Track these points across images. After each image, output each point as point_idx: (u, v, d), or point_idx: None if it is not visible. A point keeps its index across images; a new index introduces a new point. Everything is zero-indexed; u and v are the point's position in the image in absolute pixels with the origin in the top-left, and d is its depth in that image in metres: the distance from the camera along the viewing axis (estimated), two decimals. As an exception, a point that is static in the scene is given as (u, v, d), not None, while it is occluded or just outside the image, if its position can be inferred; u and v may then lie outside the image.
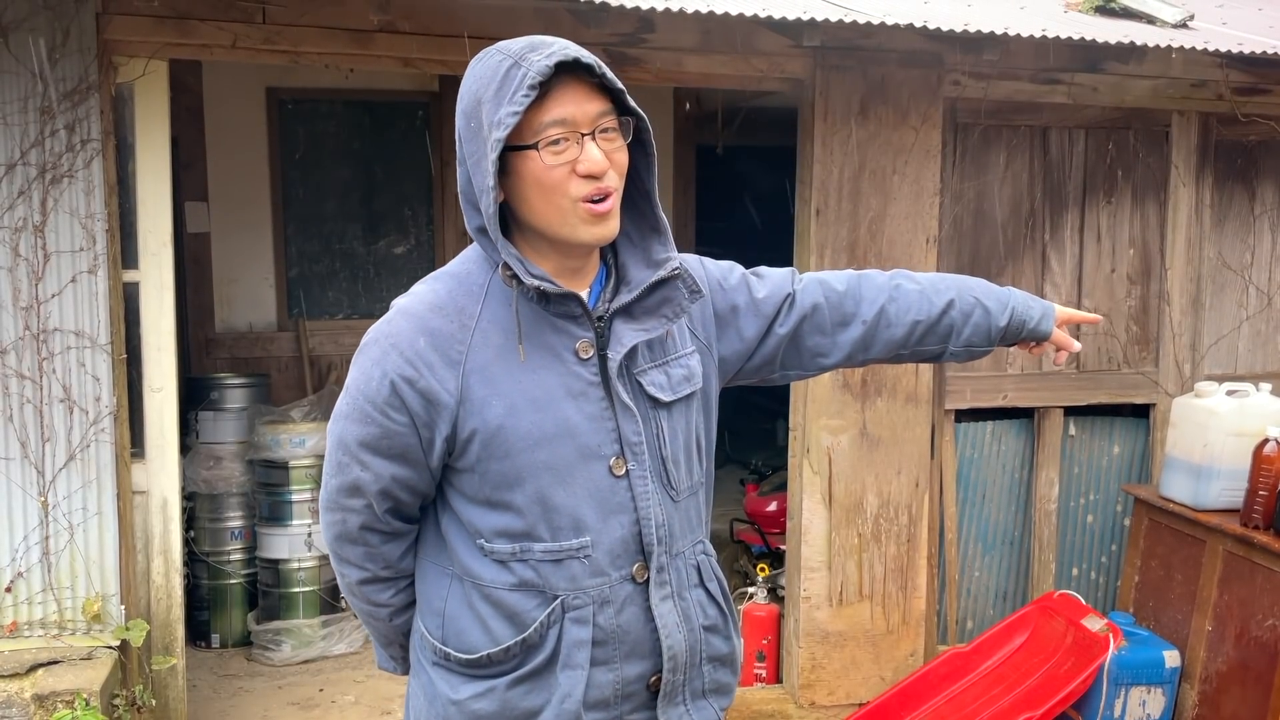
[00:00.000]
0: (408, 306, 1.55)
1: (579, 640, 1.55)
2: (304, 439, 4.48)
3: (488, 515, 1.55)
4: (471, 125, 1.47)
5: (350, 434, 1.54)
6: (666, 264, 1.55)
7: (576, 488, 1.53)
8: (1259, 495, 3.49)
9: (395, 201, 5.58)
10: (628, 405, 1.55)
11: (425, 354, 1.49)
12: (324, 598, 4.57)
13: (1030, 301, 1.89)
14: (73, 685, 3.16)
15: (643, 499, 1.57)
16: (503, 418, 1.49)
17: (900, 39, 3.69)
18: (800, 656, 3.98)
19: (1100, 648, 3.59)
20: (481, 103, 1.44)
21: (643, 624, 1.58)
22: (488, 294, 1.53)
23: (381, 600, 1.68)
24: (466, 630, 1.57)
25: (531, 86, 1.40)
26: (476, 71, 1.48)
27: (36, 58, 3.24)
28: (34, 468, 3.35)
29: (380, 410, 1.51)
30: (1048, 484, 4.20)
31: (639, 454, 1.57)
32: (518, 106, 1.40)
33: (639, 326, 1.56)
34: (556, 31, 3.54)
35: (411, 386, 1.49)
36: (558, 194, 1.45)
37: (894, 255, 3.88)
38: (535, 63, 1.41)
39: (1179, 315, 4.23)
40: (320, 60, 3.51)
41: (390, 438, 1.52)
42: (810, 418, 3.90)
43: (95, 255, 3.33)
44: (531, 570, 1.54)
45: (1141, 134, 4.16)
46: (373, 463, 1.54)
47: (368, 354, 1.54)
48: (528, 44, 1.46)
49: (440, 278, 1.59)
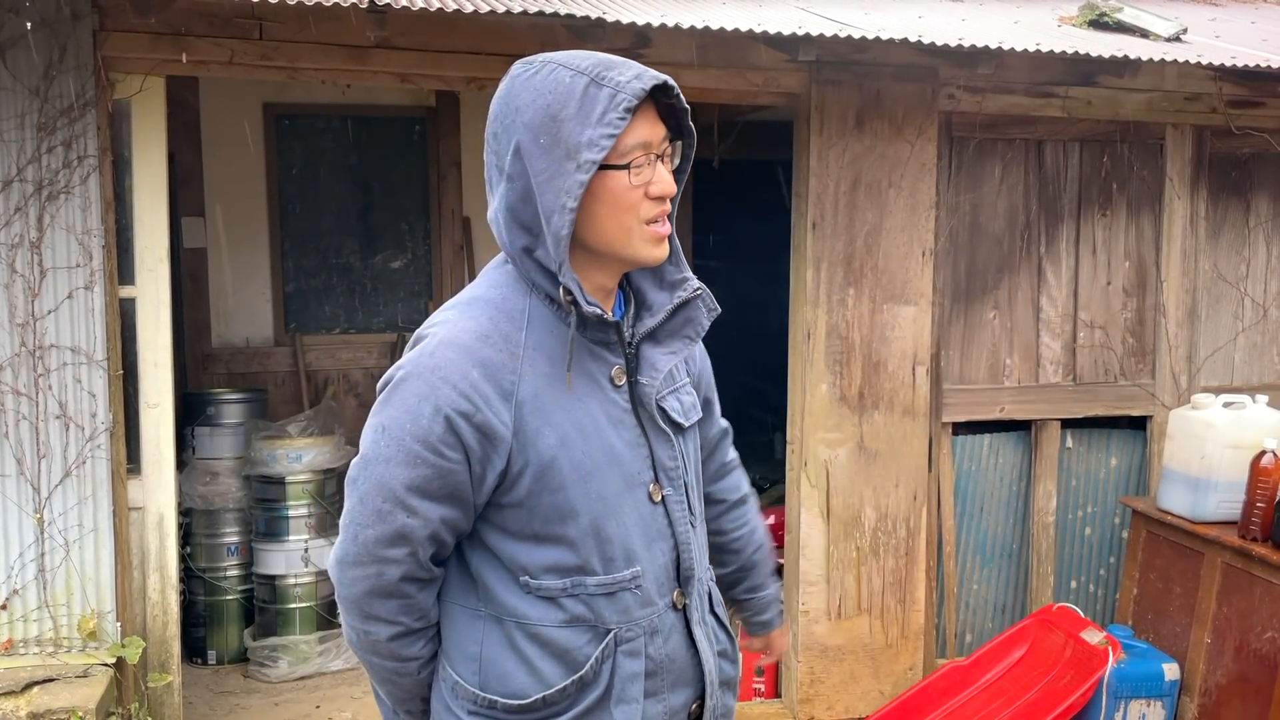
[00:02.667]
0: (452, 337, 1.45)
1: (633, 673, 1.52)
2: (301, 454, 4.47)
3: (535, 551, 1.49)
4: (542, 142, 1.41)
5: (395, 478, 1.43)
6: (686, 284, 1.55)
7: (625, 517, 1.51)
8: (1257, 507, 3.49)
9: (392, 216, 5.59)
10: (664, 430, 1.55)
11: (480, 386, 1.42)
12: (321, 614, 4.55)
13: (780, 601, 1.99)
14: (68, 703, 3.14)
15: (680, 525, 1.57)
16: (555, 449, 1.45)
17: (895, 53, 3.70)
18: (799, 671, 3.97)
19: (1099, 661, 3.59)
20: (559, 120, 1.39)
21: (685, 651, 1.58)
22: (529, 320, 1.48)
23: (411, 654, 1.56)
24: (510, 674, 1.50)
25: (628, 110, 1.38)
26: (540, 86, 1.42)
27: (33, 74, 3.25)
28: (30, 484, 3.34)
29: (433, 449, 1.42)
30: (1045, 496, 4.20)
31: (675, 479, 1.56)
32: (614, 129, 1.38)
33: (667, 350, 1.56)
34: (553, 46, 3.54)
35: (468, 421, 1.41)
36: (630, 214, 1.45)
37: (890, 268, 3.89)
38: (625, 84, 1.39)
39: (1175, 327, 4.24)
40: (317, 76, 3.52)
41: (443, 478, 1.43)
42: (808, 431, 3.90)
43: (92, 271, 3.33)
44: (583, 605, 1.49)
45: (1136, 147, 4.17)
46: (421, 507, 1.44)
47: (410, 390, 1.43)
48: (596, 61, 1.43)
49: (476, 304, 1.50)
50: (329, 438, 4.60)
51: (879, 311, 3.90)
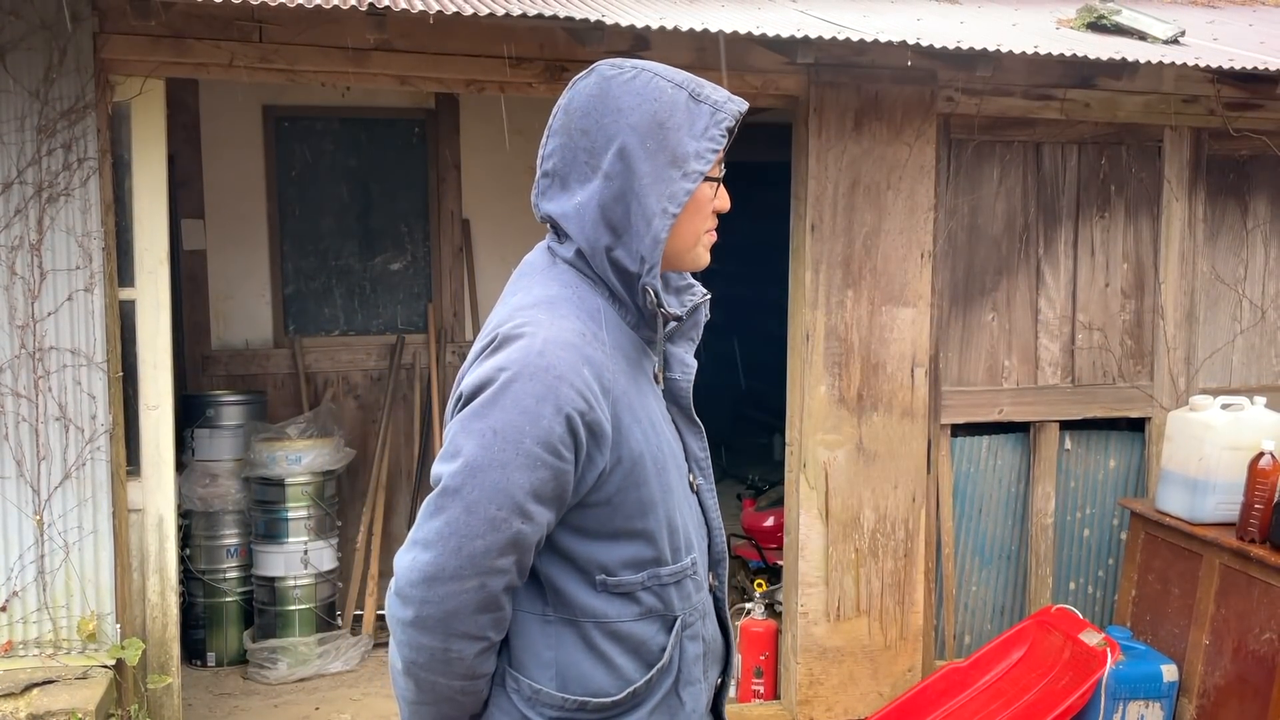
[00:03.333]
0: (559, 337, 1.43)
1: (696, 655, 1.59)
2: (300, 456, 4.47)
3: (614, 548, 1.50)
4: (649, 146, 1.48)
5: (517, 484, 1.38)
6: (693, 289, 1.68)
7: (683, 507, 1.59)
8: (1255, 508, 3.50)
9: (391, 218, 5.59)
10: (695, 423, 1.66)
11: (591, 385, 1.43)
12: (320, 616, 4.55)
13: None
14: (68, 705, 3.14)
15: (711, 511, 1.67)
16: (642, 444, 1.50)
17: (894, 56, 3.71)
18: (798, 672, 3.97)
19: (1098, 662, 3.59)
20: (666, 127, 1.48)
21: (717, 630, 1.66)
22: (605, 318, 1.53)
23: (487, 669, 1.50)
24: (589, 675, 1.50)
25: (729, 129, 1.51)
26: (644, 91, 1.50)
27: (34, 77, 3.25)
28: (29, 486, 3.34)
29: (553, 451, 1.40)
30: (1044, 498, 4.20)
31: (705, 468, 1.67)
32: (716, 145, 1.50)
33: (684, 350, 1.67)
34: (552, 50, 3.58)
35: (584, 420, 1.42)
36: (703, 223, 1.57)
37: (889, 270, 3.90)
38: (722, 104, 1.51)
39: (1173, 329, 4.25)
40: (317, 78, 3.52)
41: (558, 479, 1.42)
42: (807, 432, 3.90)
43: (92, 273, 3.34)
44: (654, 596, 1.54)
45: (1134, 149, 4.18)
46: (537, 512, 1.41)
47: (523, 390, 1.39)
48: (688, 76, 1.53)
49: (561, 303, 1.50)
50: (328, 440, 4.60)
51: (878, 313, 3.91)
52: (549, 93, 3.68)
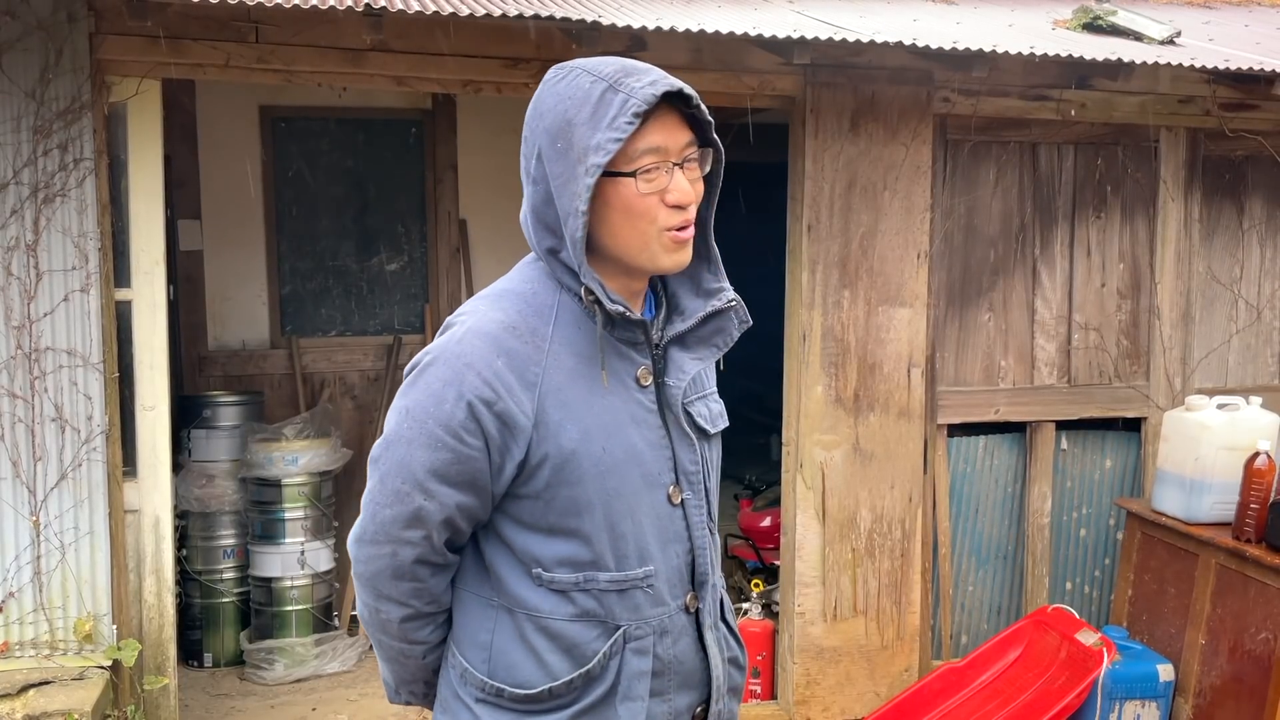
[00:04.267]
0: (480, 327, 1.47)
1: (640, 671, 1.53)
2: (297, 457, 4.47)
3: (549, 544, 1.50)
4: (559, 146, 1.44)
5: (417, 460, 1.45)
6: (721, 294, 1.56)
7: (641, 516, 1.52)
8: (1250, 508, 3.50)
9: (388, 219, 5.59)
10: (687, 433, 1.57)
11: (504, 375, 1.44)
12: (317, 616, 4.55)
13: None
14: (64, 705, 3.14)
15: (696, 528, 1.58)
16: (576, 442, 1.47)
17: (890, 56, 3.71)
18: (795, 672, 3.98)
19: (1094, 662, 3.60)
20: (573, 125, 1.42)
21: (694, 654, 1.60)
22: (557, 315, 1.50)
23: (420, 638, 1.60)
24: (518, 665, 1.53)
25: (636, 114, 1.39)
26: (561, 91, 1.45)
27: (30, 77, 3.25)
28: (25, 487, 3.34)
29: (454, 434, 1.44)
30: (1040, 498, 4.21)
31: (695, 483, 1.58)
32: (620, 133, 1.39)
33: (694, 355, 1.57)
34: (548, 50, 3.58)
35: (489, 409, 1.44)
36: (645, 221, 1.45)
37: (885, 271, 3.90)
38: (637, 90, 1.40)
39: (1169, 329, 4.25)
40: (313, 79, 3.52)
41: (462, 463, 1.45)
42: (804, 433, 3.91)
43: (88, 274, 3.33)
44: (594, 600, 1.51)
45: (1130, 149, 4.19)
46: (439, 491, 1.46)
47: (435, 374, 1.46)
48: (620, 68, 1.44)
49: (506, 296, 1.53)
50: (325, 440, 4.60)
51: (874, 314, 3.91)
52: (546, 93, 3.68)
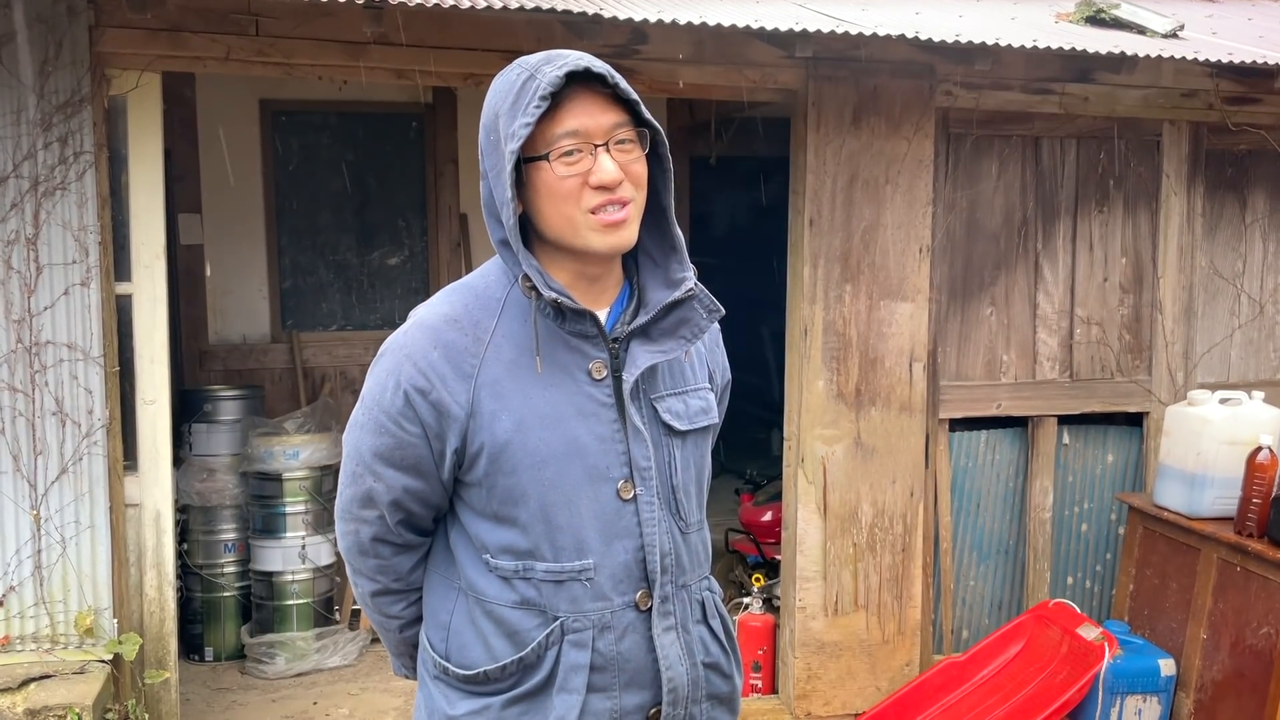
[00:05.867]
0: (424, 318, 1.54)
1: (576, 664, 1.52)
2: (298, 451, 4.47)
3: (494, 530, 1.54)
4: (491, 139, 1.48)
5: (365, 444, 1.55)
6: (682, 284, 1.53)
7: (581, 509, 1.52)
8: (1252, 503, 3.50)
9: (389, 213, 5.58)
10: (639, 429, 1.54)
11: (438, 366, 1.49)
12: (318, 610, 4.55)
13: None
14: (65, 700, 3.14)
15: (649, 525, 1.55)
16: (510, 433, 1.49)
17: (892, 50, 3.70)
18: (796, 667, 3.98)
19: (1095, 656, 3.59)
20: (499, 116, 1.46)
21: (644, 653, 1.56)
22: (504, 308, 1.53)
23: (393, 613, 1.69)
24: (469, 645, 1.57)
25: (543, 98, 1.40)
26: (496, 86, 1.49)
27: (29, 70, 3.24)
28: (26, 481, 3.34)
29: (394, 421, 1.51)
30: (1042, 493, 4.20)
31: (648, 479, 1.55)
32: (529, 118, 1.41)
33: (656, 348, 1.54)
34: (549, 44, 3.57)
35: (424, 398, 1.49)
36: (569, 204, 1.45)
37: (887, 265, 3.89)
38: (547, 74, 1.42)
39: (1171, 324, 4.24)
40: (313, 72, 3.51)
41: (403, 449, 1.52)
42: (805, 427, 3.90)
43: (88, 268, 3.33)
44: (534, 589, 1.53)
45: (1133, 143, 4.18)
46: (385, 474, 1.54)
47: (383, 364, 1.55)
48: (544, 57, 1.46)
49: (458, 290, 1.58)
50: (326, 434, 4.59)
51: (876, 308, 3.91)
52: (547, 87, 3.67)
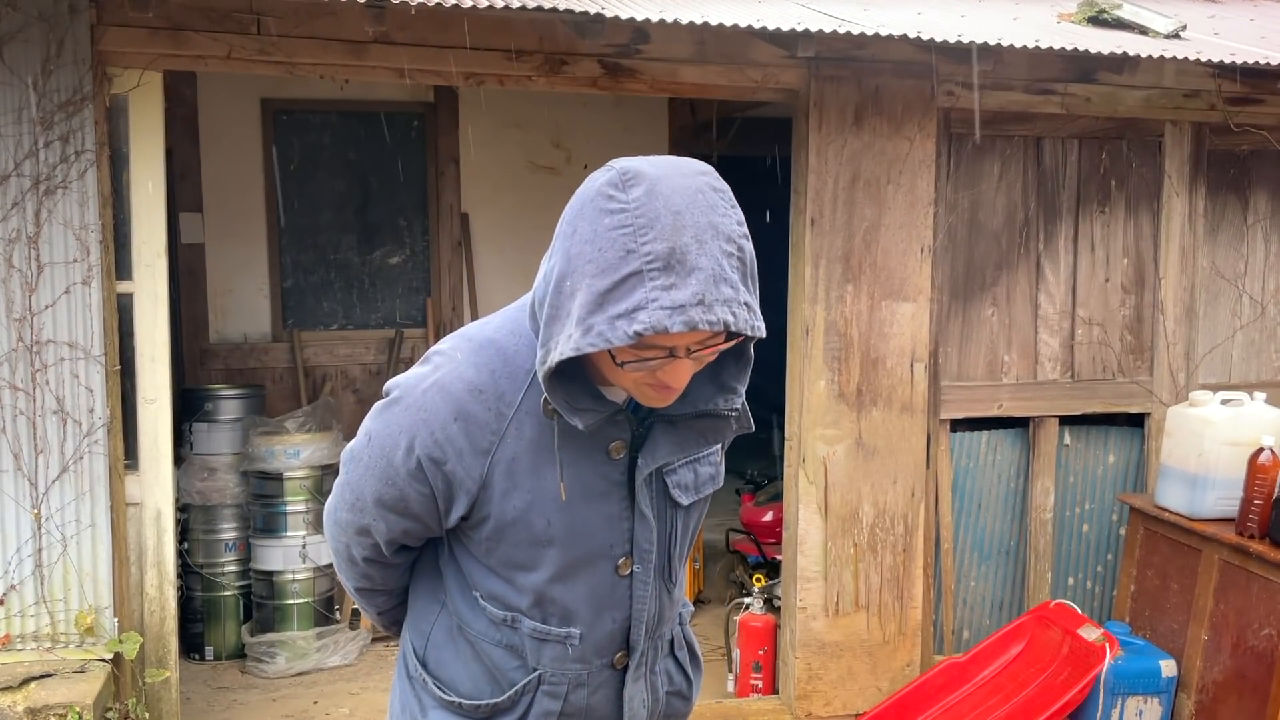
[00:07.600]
0: (447, 383, 1.43)
1: (548, 711, 1.57)
2: (299, 450, 4.47)
3: (488, 578, 1.54)
4: (568, 285, 1.27)
5: (369, 488, 1.51)
6: (732, 398, 1.47)
7: (578, 585, 1.52)
8: (1254, 504, 3.49)
9: (390, 212, 5.58)
10: (645, 515, 1.51)
11: (456, 440, 1.43)
12: (318, 610, 4.55)
13: None
14: (66, 698, 3.14)
15: (639, 601, 1.56)
16: (520, 511, 1.46)
17: (894, 50, 3.70)
18: (797, 667, 3.97)
19: (1097, 657, 3.59)
20: (581, 276, 1.26)
21: (611, 704, 1.61)
22: (531, 383, 1.44)
23: (375, 605, 1.74)
24: (446, 663, 1.61)
25: (637, 334, 1.23)
26: (603, 230, 1.25)
27: (31, 69, 3.24)
28: (27, 480, 3.34)
29: (403, 479, 1.47)
30: (1043, 493, 4.20)
31: (647, 559, 1.55)
32: (615, 342, 1.24)
33: (677, 441, 1.49)
34: (552, 41, 3.57)
35: (438, 467, 1.45)
36: (626, 381, 1.38)
37: (889, 265, 3.89)
38: (653, 305, 1.22)
39: (1173, 324, 4.24)
40: (315, 71, 3.51)
41: (407, 501, 1.50)
42: (806, 428, 3.90)
43: (89, 266, 3.33)
44: (518, 638, 1.55)
45: (1135, 144, 4.17)
46: (387, 517, 1.53)
47: (396, 416, 1.46)
48: (673, 249, 1.23)
49: (486, 349, 1.45)
50: (327, 434, 4.59)
51: (877, 308, 3.90)
52: (548, 86, 3.67)
